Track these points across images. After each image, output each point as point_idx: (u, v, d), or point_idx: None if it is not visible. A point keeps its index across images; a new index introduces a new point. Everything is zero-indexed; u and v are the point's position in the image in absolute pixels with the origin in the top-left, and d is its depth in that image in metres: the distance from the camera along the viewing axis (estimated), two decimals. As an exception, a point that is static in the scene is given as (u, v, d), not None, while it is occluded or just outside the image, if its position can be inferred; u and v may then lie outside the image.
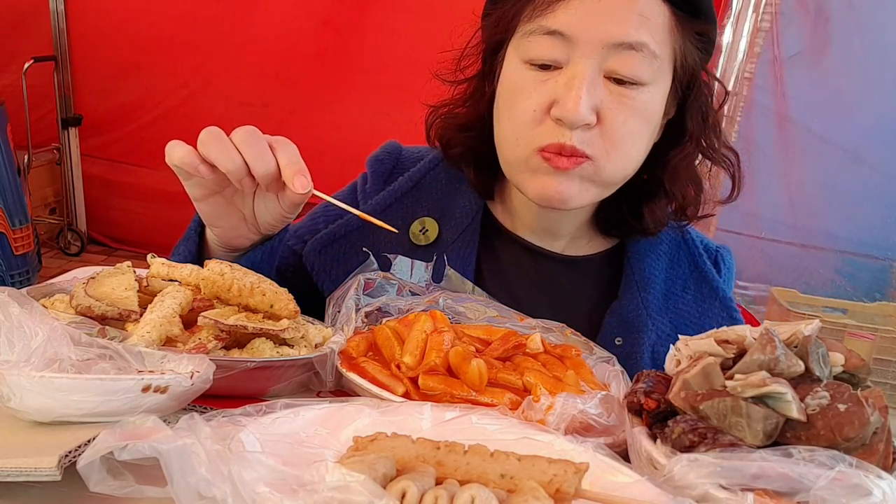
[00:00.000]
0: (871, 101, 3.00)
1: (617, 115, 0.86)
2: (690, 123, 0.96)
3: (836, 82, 2.99)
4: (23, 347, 0.59)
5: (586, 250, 1.07)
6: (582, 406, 0.64)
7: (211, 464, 0.45)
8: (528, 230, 1.05)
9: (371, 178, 1.10)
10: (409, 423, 0.59)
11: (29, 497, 0.52)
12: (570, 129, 0.85)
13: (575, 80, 0.84)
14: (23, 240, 2.99)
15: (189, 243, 0.92)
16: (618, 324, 1.00)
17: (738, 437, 0.54)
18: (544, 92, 0.87)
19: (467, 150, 1.03)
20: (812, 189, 3.11)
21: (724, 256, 1.10)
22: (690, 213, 1.04)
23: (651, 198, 1.01)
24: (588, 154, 0.86)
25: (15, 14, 3.70)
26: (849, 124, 3.03)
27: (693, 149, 0.98)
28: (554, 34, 0.85)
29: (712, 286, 1.04)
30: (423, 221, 1.04)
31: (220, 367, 0.63)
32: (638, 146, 0.91)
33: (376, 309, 0.86)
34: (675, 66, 0.90)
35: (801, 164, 3.08)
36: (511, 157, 0.93)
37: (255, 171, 0.78)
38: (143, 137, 3.77)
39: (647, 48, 0.84)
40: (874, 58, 2.97)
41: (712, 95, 0.97)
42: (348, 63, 3.43)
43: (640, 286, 1.02)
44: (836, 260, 3.16)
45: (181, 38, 3.60)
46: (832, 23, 2.93)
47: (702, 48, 0.93)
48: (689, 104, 0.95)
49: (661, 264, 1.05)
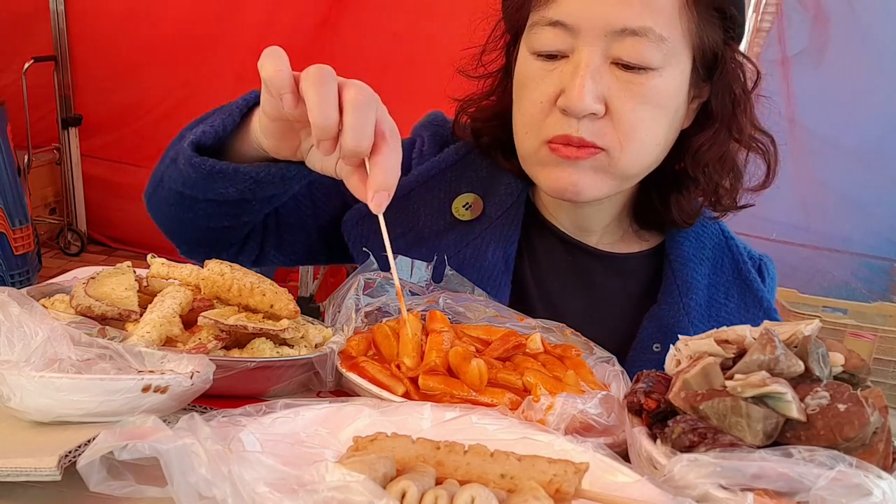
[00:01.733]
0: (874, 102, 3.00)
1: (625, 102, 0.84)
2: (716, 104, 0.92)
3: (838, 83, 2.99)
4: (23, 347, 0.59)
5: (623, 248, 1.04)
6: (582, 406, 0.64)
7: (211, 464, 0.44)
8: (562, 222, 1.02)
9: (429, 141, 1.07)
10: (409, 423, 0.59)
11: (29, 497, 0.52)
12: (577, 120, 0.84)
13: (579, 68, 0.83)
14: (23, 240, 2.99)
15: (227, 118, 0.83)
16: (657, 329, 0.96)
17: (738, 437, 0.54)
18: (550, 83, 0.86)
19: (495, 140, 1.01)
20: (824, 191, 3.10)
21: (767, 265, 1.06)
22: (726, 203, 0.98)
23: (679, 188, 0.97)
24: (599, 145, 0.85)
25: (15, 14, 3.71)
26: (850, 124, 3.03)
27: (720, 131, 0.93)
28: (557, 25, 0.84)
29: (756, 295, 1.01)
30: (467, 197, 1.01)
31: (220, 367, 0.63)
32: (653, 134, 0.87)
33: (376, 309, 0.86)
34: (694, 46, 0.87)
35: (810, 166, 3.07)
36: (523, 150, 0.92)
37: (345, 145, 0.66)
38: (144, 137, 3.77)
39: (651, 32, 0.82)
40: (876, 58, 2.97)
41: (744, 76, 0.93)
42: (347, 63, 3.43)
43: (683, 291, 0.98)
44: (850, 263, 3.15)
45: (181, 37, 3.60)
46: (833, 22, 2.93)
47: (724, 26, 0.89)
48: (714, 85, 0.91)
49: (704, 269, 1.01)
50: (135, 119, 3.78)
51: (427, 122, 1.10)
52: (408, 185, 1.01)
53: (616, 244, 1.04)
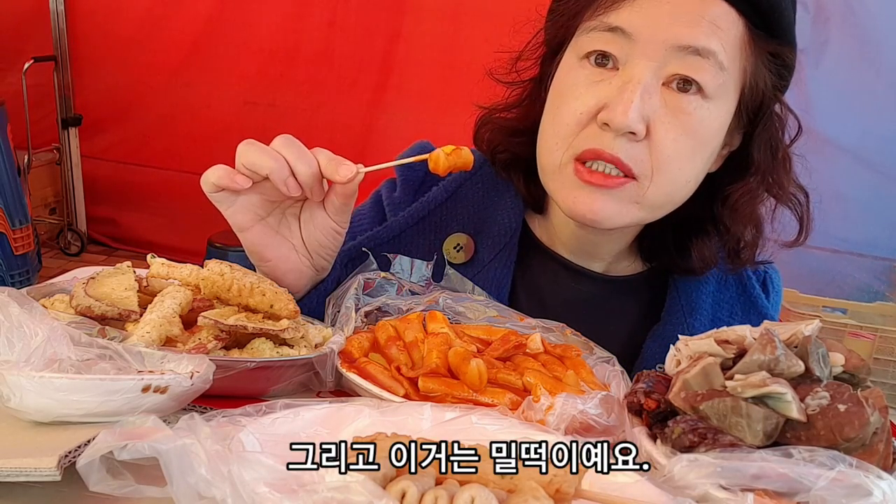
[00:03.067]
0: (873, 102, 3.00)
1: (669, 129, 0.80)
2: (757, 155, 0.88)
3: (837, 82, 2.99)
4: (23, 347, 0.59)
5: (626, 271, 1.02)
6: (582, 406, 0.64)
7: (211, 464, 0.45)
8: (566, 249, 0.99)
9: (401, 187, 1.03)
10: (409, 423, 0.59)
11: (29, 497, 0.52)
12: (615, 137, 0.79)
13: (630, 83, 0.78)
14: (23, 240, 2.99)
15: None
16: (660, 349, 0.92)
17: (738, 437, 0.54)
18: (595, 94, 0.81)
19: (515, 158, 0.97)
20: (821, 190, 3.09)
21: (772, 278, 1.03)
22: (745, 257, 0.96)
23: (702, 233, 0.94)
24: (631, 170, 0.81)
25: (15, 14, 3.70)
26: (849, 123, 3.03)
27: (758, 185, 0.90)
28: (615, 31, 0.80)
29: (761, 313, 0.98)
30: (458, 238, 0.98)
31: (220, 367, 0.63)
32: (687, 169, 0.84)
33: (376, 309, 0.86)
34: (744, 87, 0.84)
35: (808, 166, 3.06)
36: (547, 163, 0.87)
37: (298, 171, 0.76)
38: (144, 137, 3.78)
39: (714, 57, 0.78)
40: (876, 58, 2.97)
41: (784, 128, 0.90)
42: (354, 63, 3.43)
43: (687, 311, 0.96)
44: (845, 263, 3.15)
45: (183, 37, 3.60)
46: (832, 22, 2.93)
47: (776, 72, 0.86)
48: (757, 134, 0.88)
49: (708, 288, 0.98)
50: (135, 119, 3.78)
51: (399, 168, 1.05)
52: (398, 227, 0.98)
53: (621, 270, 1.02)
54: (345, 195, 0.80)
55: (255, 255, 0.83)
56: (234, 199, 0.79)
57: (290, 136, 0.78)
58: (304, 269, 0.85)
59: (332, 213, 0.82)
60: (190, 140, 3.68)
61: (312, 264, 0.85)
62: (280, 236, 0.83)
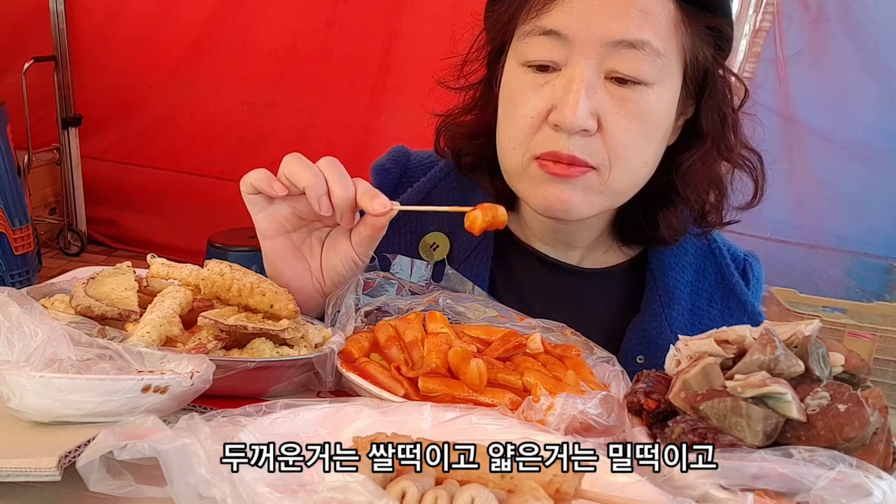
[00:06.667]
0: (873, 101, 3.00)
1: (619, 120, 0.82)
2: (706, 123, 0.91)
3: (837, 82, 2.99)
4: (23, 347, 0.59)
5: (604, 262, 1.02)
6: (582, 406, 0.64)
7: (211, 464, 0.45)
8: (542, 242, 1.01)
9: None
10: (409, 423, 0.59)
11: (29, 497, 0.52)
12: (568, 137, 0.81)
13: (573, 83, 0.80)
14: (23, 240, 2.99)
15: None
16: (639, 341, 0.95)
17: (738, 437, 0.54)
18: (542, 97, 0.83)
19: (479, 159, 0.99)
20: (819, 190, 3.10)
21: (752, 265, 1.04)
22: (712, 220, 0.97)
23: (666, 204, 0.96)
24: (590, 163, 0.83)
25: (15, 14, 3.70)
26: (848, 122, 3.03)
27: (710, 150, 0.92)
28: (550, 34, 0.82)
29: (740, 300, 0.99)
30: (434, 237, 1.00)
31: (220, 367, 0.63)
32: (643, 153, 0.86)
33: (376, 309, 0.86)
34: (685, 63, 0.86)
35: (806, 164, 3.07)
36: (510, 167, 0.89)
37: (334, 193, 0.77)
38: (144, 137, 3.78)
39: (649, 46, 0.80)
40: (874, 57, 2.97)
41: (731, 93, 0.92)
42: (353, 63, 3.43)
43: (664, 301, 0.97)
44: (844, 261, 3.15)
45: (183, 37, 3.60)
46: (832, 22, 2.93)
47: (714, 44, 0.88)
48: (704, 102, 0.90)
49: (686, 277, 0.99)
50: (135, 119, 3.78)
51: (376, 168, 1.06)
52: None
53: (598, 259, 1.02)
54: (374, 227, 0.82)
55: (272, 265, 0.84)
56: (266, 205, 0.80)
57: (336, 159, 0.79)
58: (314, 293, 0.86)
59: (357, 244, 0.83)
60: (189, 140, 3.68)
61: (322, 288, 0.86)
62: (300, 254, 0.84)
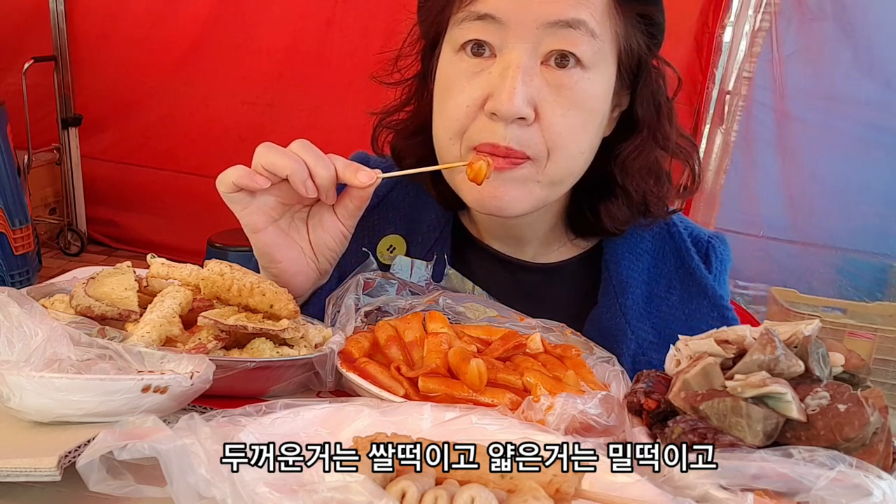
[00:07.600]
0: (871, 100, 3.01)
1: (556, 107, 0.81)
2: (641, 112, 0.90)
3: (833, 80, 3.00)
4: (23, 347, 0.59)
5: (560, 256, 1.02)
6: (582, 406, 0.64)
7: (211, 464, 0.45)
8: (495, 239, 1.00)
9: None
10: (409, 423, 0.59)
11: (29, 497, 0.52)
12: (505, 126, 0.80)
13: (509, 69, 0.79)
14: (23, 240, 2.99)
15: None
16: (596, 332, 0.94)
17: (738, 437, 0.54)
18: (478, 85, 0.82)
19: (419, 160, 0.95)
20: (812, 188, 3.11)
21: (715, 247, 1.00)
22: (655, 210, 0.96)
23: (608, 196, 0.94)
24: (527, 154, 0.82)
25: (15, 14, 3.70)
26: (850, 123, 3.03)
27: (647, 139, 0.91)
28: (485, 18, 0.80)
29: (700, 283, 0.96)
30: (391, 239, 1.00)
31: (220, 367, 0.63)
32: (581, 141, 0.85)
33: (376, 309, 0.86)
34: (619, 51, 0.85)
35: (801, 163, 3.08)
36: (449, 159, 0.87)
37: (316, 174, 0.77)
38: (144, 137, 3.78)
39: (585, 26, 0.79)
40: (870, 56, 2.97)
41: (665, 83, 0.92)
42: (352, 63, 3.43)
43: (618, 291, 0.96)
44: (836, 259, 3.16)
45: (183, 37, 3.60)
46: (828, 20, 2.94)
47: (647, 32, 0.87)
48: (639, 92, 0.90)
49: (641, 265, 0.98)
50: (135, 119, 3.78)
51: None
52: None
53: (552, 254, 1.02)
54: (360, 199, 0.83)
55: (266, 256, 0.84)
56: (249, 199, 0.80)
57: (307, 140, 0.79)
58: (310, 272, 0.86)
59: (343, 217, 0.84)
60: (189, 140, 3.68)
61: (317, 267, 0.87)
62: (290, 239, 0.84)
